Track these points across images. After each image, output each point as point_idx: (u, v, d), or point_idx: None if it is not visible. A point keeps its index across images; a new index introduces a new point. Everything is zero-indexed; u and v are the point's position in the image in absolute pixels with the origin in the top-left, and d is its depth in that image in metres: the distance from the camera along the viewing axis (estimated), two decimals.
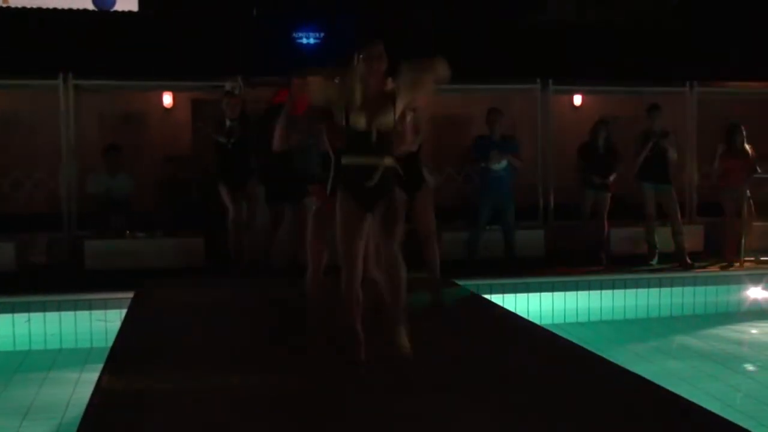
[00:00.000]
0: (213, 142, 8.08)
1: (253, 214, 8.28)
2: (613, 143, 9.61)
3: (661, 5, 13.18)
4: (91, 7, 12.09)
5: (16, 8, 11.76)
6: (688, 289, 8.57)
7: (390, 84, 4.77)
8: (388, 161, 4.75)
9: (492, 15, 12.38)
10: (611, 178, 9.49)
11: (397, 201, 4.83)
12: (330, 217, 5.08)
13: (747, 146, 9.61)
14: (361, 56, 4.68)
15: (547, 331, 6.08)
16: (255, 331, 5.98)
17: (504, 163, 8.91)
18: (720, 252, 9.69)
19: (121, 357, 5.23)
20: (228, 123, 7.41)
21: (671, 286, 8.55)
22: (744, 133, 9.63)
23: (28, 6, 11.77)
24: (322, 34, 11.68)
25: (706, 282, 8.69)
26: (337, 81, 4.83)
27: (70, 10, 12.00)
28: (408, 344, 4.74)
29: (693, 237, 10.12)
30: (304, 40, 11.65)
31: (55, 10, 11.91)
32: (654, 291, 8.51)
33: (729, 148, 9.64)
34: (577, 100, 11.97)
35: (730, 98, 11.58)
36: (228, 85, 7.34)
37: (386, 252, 4.79)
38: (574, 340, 5.83)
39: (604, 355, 5.21)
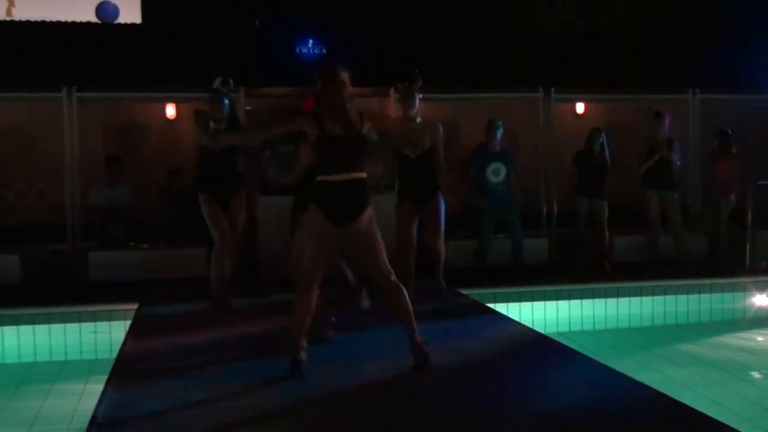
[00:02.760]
0: (198, 146, 7.03)
1: (236, 229, 7.07)
2: (607, 151, 9.62)
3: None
4: (94, 19, 12.13)
5: (20, 21, 11.80)
6: (693, 297, 8.55)
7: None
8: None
9: (486, 23, 12.38)
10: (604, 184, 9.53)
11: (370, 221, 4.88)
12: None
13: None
14: None
15: (553, 340, 6.07)
16: (260, 344, 5.96)
17: (502, 175, 8.93)
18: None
19: (125, 368, 5.23)
20: (212, 125, 6.81)
21: (676, 293, 8.52)
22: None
23: (32, 19, 11.80)
24: (324, 46, 11.71)
25: (711, 290, 8.67)
26: None
27: (74, 23, 12.03)
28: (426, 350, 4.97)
29: (696, 244, 10.10)
30: (307, 52, 11.69)
31: (58, 23, 11.95)
32: (658, 299, 8.48)
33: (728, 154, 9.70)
34: (580, 108, 11.97)
35: (732, 105, 11.59)
36: (216, 82, 6.90)
37: (384, 282, 4.91)
38: (579, 349, 5.83)
39: (610, 364, 5.20)
